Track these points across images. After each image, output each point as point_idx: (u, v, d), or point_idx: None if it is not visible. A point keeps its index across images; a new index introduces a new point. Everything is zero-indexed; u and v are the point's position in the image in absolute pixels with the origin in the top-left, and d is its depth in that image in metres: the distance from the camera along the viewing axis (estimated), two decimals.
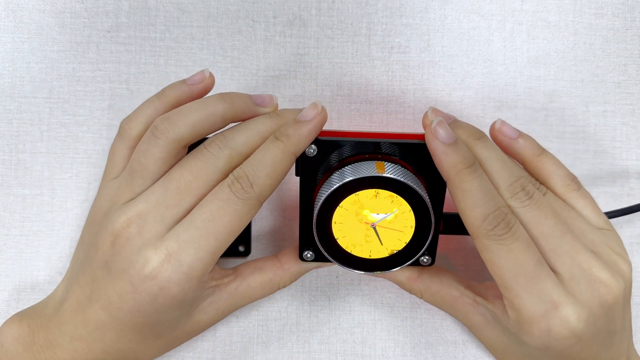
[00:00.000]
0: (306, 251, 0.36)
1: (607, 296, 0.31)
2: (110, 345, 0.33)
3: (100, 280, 0.32)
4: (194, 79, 0.35)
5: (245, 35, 0.42)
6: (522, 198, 0.32)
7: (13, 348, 0.34)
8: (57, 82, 0.42)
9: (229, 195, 0.31)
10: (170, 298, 0.31)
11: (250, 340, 0.41)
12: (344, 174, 0.32)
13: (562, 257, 0.32)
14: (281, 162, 0.32)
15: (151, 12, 0.42)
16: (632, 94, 0.42)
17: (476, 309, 0.36)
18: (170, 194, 0.32)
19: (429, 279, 0.37)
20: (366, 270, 0.35)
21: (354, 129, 0.42)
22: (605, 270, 0.32)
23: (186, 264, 0.30)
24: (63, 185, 0.42)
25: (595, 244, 0.33)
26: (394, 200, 0.33)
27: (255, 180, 0.31)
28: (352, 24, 0.42)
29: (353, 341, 0.41)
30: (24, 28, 0.42)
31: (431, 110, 0.34)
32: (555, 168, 0.35)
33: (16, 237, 0.42)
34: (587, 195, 0.35)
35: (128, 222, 0.31)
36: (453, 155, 0.31)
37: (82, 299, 0.32)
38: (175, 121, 0.32)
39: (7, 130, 0.42)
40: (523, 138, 0.36)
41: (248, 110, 0.34)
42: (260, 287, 0.36)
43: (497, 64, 0.42)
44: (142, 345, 0.33)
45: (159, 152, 0.32)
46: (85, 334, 0.32)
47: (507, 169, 0.33)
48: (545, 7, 0.42)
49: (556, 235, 0.32)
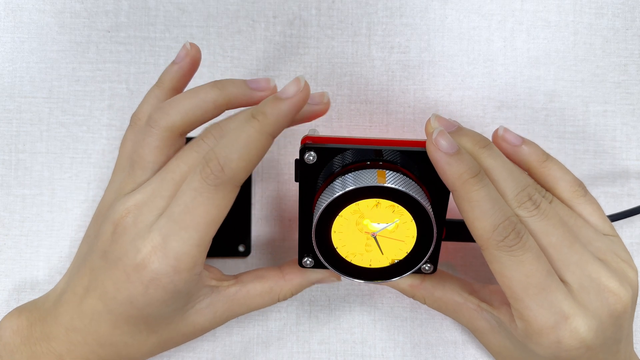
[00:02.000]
0: (305, 258, 0.35)
1: (616, 305, 0.31)
2: (104, 338, 0.33)
3: (98, 270, 0.32)
4: (179, 56, 0.36)
5: (245, 35, 0.42)
6: (529, 207, 0.32)
7: (11, 341, 0.34)
8: (57, 82, 0.42)
9: (199, 183, 0.30)
10: (161, 289, 0.31)
11: (250, 340, 0.41)
12: (344, 182, 0.32)
13: (571, 267, 0.31)
14: (256, 143, 0.30)
15: (151, 12, 0.42)
16: (632, 93, 0.42)
17: (480, 315, 0.36)
18: (166, 185, 0.32)
19: (432, 286, 0.36)
20: (366, 279, 0.35)
21: (354, 129, 0.42)
22: (614, 279, 0.32)
23: (171, 256, 0.30)
24: (63, 185, 0.42)
25: (603, 251, 0.33)
26: (395, 210, 0.32)
27: (226, 163, 0.30)
28: (352, 24, 0.42)
29: (353, 341, 0.41)
30: (23, 28, 0.42)
31: (434, 118, 0.33)
32: (562, 174, 0.35)
33: (16, 237, 0.42)
34: (594, 201, 0.35)
35: (126, 211, 0.32)
36: (457, 166, 0.30)
37: (80, 289, 0.33)
38: (167, 110, 0.33)
39: (6, 130, 0.42)
40: (527, 145, 0.35)
41: (242, 95, 0.33)
42: (260, 295, 0.36)
43: (497, 64, 0.42)
44: (136, 339, 0.33)
45: (154, 140, 0.32)
46: (81, 326, 0.33)
47: (513, 178, 0.32)
48: (546, 7, 0.42)
49: (565, 245, 0.31)
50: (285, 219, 0.42)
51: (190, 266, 0.31)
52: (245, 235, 0.41)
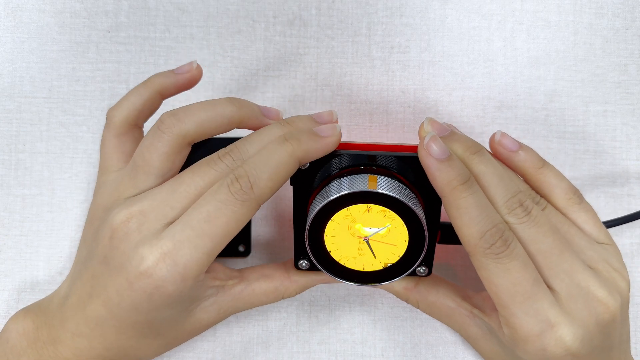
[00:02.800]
0: (301, 260, 0.36)
1: (604, 315, 0.31)
2: (111, 342, 0.33)
3: (100, 276, 0.32)
4: (182, 68, 0.35)
5: (245, 35, 0.42)
6: (519, 214, 0.31)
7: (18, 344, 0.34)
8: (57, 82, 0.42)
9: (227, 195, 0.30)
10: (166, 296, 0.31)
11: (250, 340, 0.41)
12: (336, 187, 0.32)
13: (560, 275, 0.31)
14: (286, 166, 0.31)
15: (151, 11, 0.42)
16: (632, 93, 0.42)
17: (473, 321, 0.36)
18: (178, 197, 0.31)
19: (426, 290, 0.37)
20: (360, 283, 0.35)
21: (354, 129, 0.42)
22: (603, 288, 0.31)
23: (181, 264, 0.30)
24: (62, 185, 0.42)
25: (594, 260, 0.33)
26: (386, 215, 0.32)
27: (255, 182, 0.30)
28: (352, 24, 0.42)
29: (353, 341, 0.41)
30: (23, 28, 0.42)
31: (427, 122, 0.33)
32: (557, 181, 0.35)
33: (16, 237, 0.42)
34: (589, 208, 0.35)
35: (129, 216, 0.31)
36: (447, 172, 0.30)
37: (83, 295, 0.33)
38: (182, 117, 0.32)
39: (6, 130, 0.42)
40: (524, 150, 0.35)
41: (255, 118, 0.34)
42: (265, 294, 0.36)
43: (498, 64, 0.42)
44: (142, 342, 0.33)
45: (163, 146, 0.32)
46: (87, 331, 0.32)
47: (504, 184, 0.32)
48: (546, 7, 0.42)
49: (554, 253, 0.31)
50: (284, 219, 0.42)
51: (197, 274, 0.31)
52: (245, 235, 0.41)
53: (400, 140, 0.42)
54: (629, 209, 0.42)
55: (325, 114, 0.35)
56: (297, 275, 0.36)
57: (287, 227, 0.42)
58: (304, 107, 0.42)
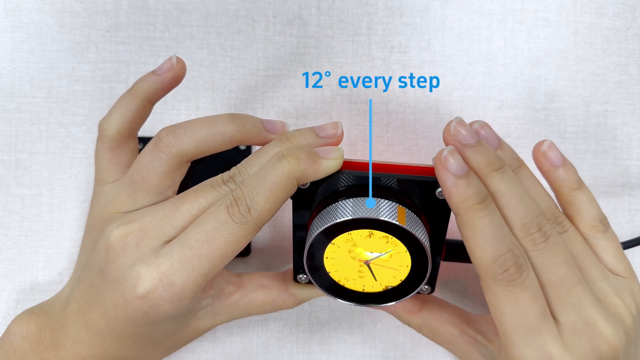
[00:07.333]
0: (300, 274, 0.35)
1: (607, 352, 0.30)
2: (111, 351, 0.33)
3: (97, 287, 0.32)
4: (162, 68, 0.34)
5: (245, 34, 0.42)
6: (536, 240, 0.30)
7: (21, 346, 0.34)
8: (56, 81, 0.42)
9: (225, 217, 0.29)
10: (163, 314, 0.30)
11: (250, 340, 0.41)
12: (338, 210, 0.31)
13: (567, 309, 0.30)
14: (283, 186, 0.29)
15: (150, 11, 0.42)
16: (633, 93, 0.42)
17: (476, 348, 0.35)
18: (180, 215, 0.31)
19: (429, 315, 0.36)
20: (360, 303, 0.34)
21: (354, 129, 0.42)
22: (609, 325, 0.31)
23: (178, 284, 0.30)
24: (62, 185, 0.42)
25: (604, 293, 0.32)
26: (389, 241, 0.31)
27: (253, 205, 0.29)
28: (352, 24, 0.42)
29: (353, 342, 0.41)
30: (23, 27, 0.42)
31: (455, 123, 0.31)
32: (588, 206, 0.33)
33: (15, 237, 0.42)
34: (613, 238, 0.34)
35: (128, 232, 0.31)
36: (464, 189, 0.29)
37: (83, 303, 0.33)
38: (180, 136, 0.31)
39: (6, 130, 0.42)
40: (565, 168, 0.33)
41: (258, 134, 0.33)
42: (262, 305, 0.35)
43: (498, 64, 0.42)
44: (142, 351, 0.33)
45: (162, 166, 0.31)
46: (87, 339, 0.32)
47: (524, 206, 0.30)
48: (546, 6, 0.42)
49: (565, 286, 0.30)
50: (285, 220, 0.42)
51: (194, 294, 0.30)
52: None
53: (401, 142, 0.42)
54: (629, 209, 0.42)
55: (329, 127, 0.33)
56: (296, 288, 0.36)
57: (288, 227, 0.42)
58: (304, 107, 0.42)
